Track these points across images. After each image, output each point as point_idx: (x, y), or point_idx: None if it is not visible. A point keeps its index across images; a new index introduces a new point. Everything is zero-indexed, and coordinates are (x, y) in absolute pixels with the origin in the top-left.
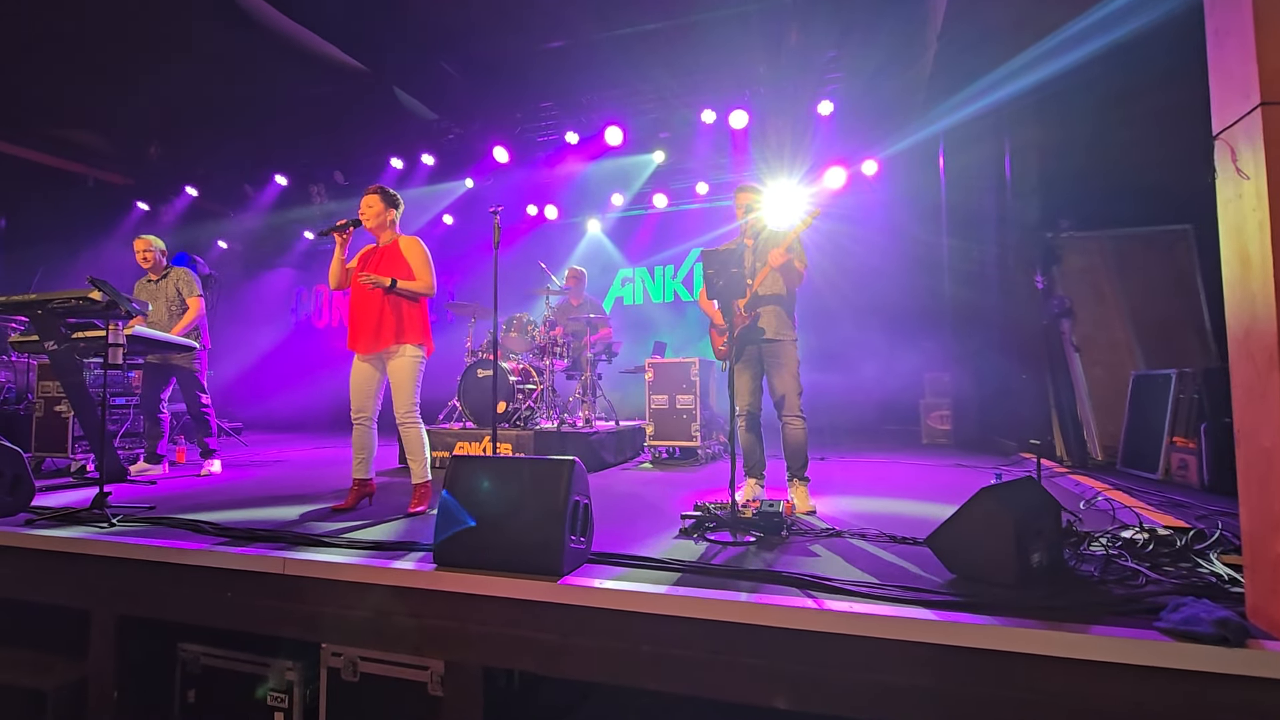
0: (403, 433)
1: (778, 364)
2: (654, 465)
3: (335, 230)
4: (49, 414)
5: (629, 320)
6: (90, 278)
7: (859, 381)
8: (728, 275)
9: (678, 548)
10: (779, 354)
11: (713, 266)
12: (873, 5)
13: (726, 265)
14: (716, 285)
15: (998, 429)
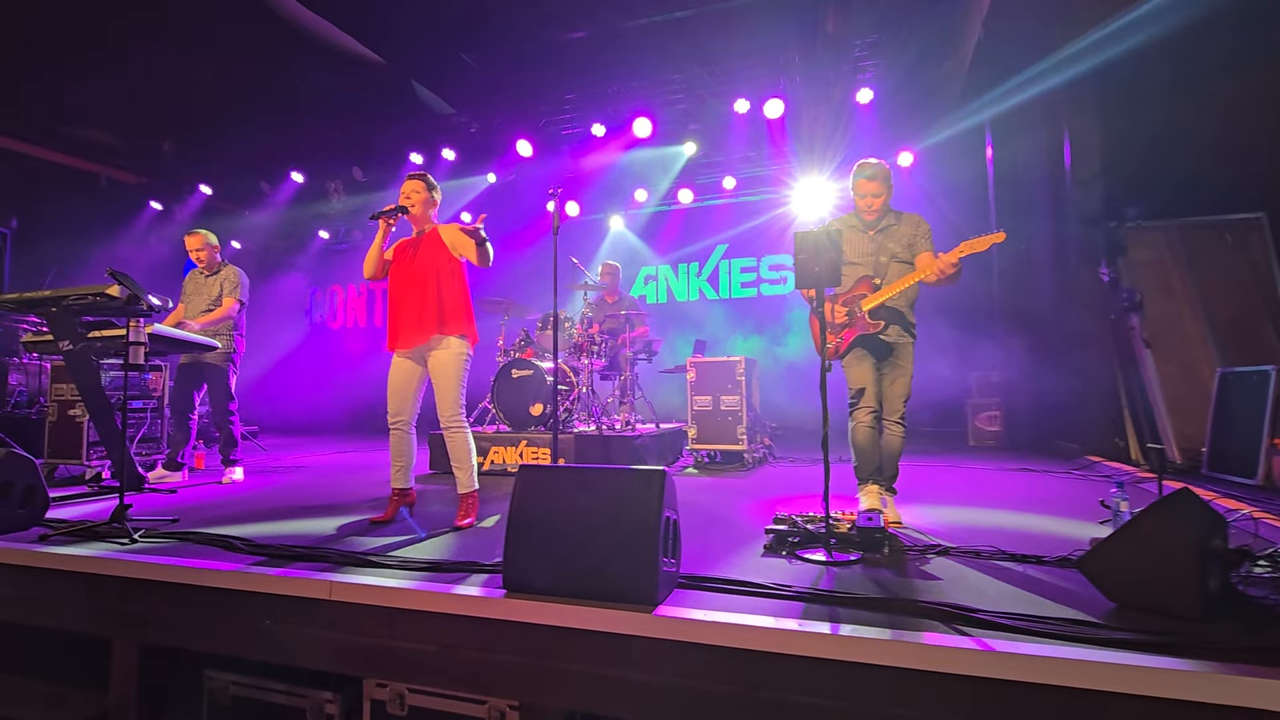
0: (447, 438)
1: (896, 366)
2: (699, 470)
3: (384, 215)
4: (63, 418)
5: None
6: (110, 270)
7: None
8: (824, 261)
9: (769, 568)
10: (900, 356)
11: (805, 250)
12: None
13: (822, 250)
14: (810, 272)
15: (1055, 430)
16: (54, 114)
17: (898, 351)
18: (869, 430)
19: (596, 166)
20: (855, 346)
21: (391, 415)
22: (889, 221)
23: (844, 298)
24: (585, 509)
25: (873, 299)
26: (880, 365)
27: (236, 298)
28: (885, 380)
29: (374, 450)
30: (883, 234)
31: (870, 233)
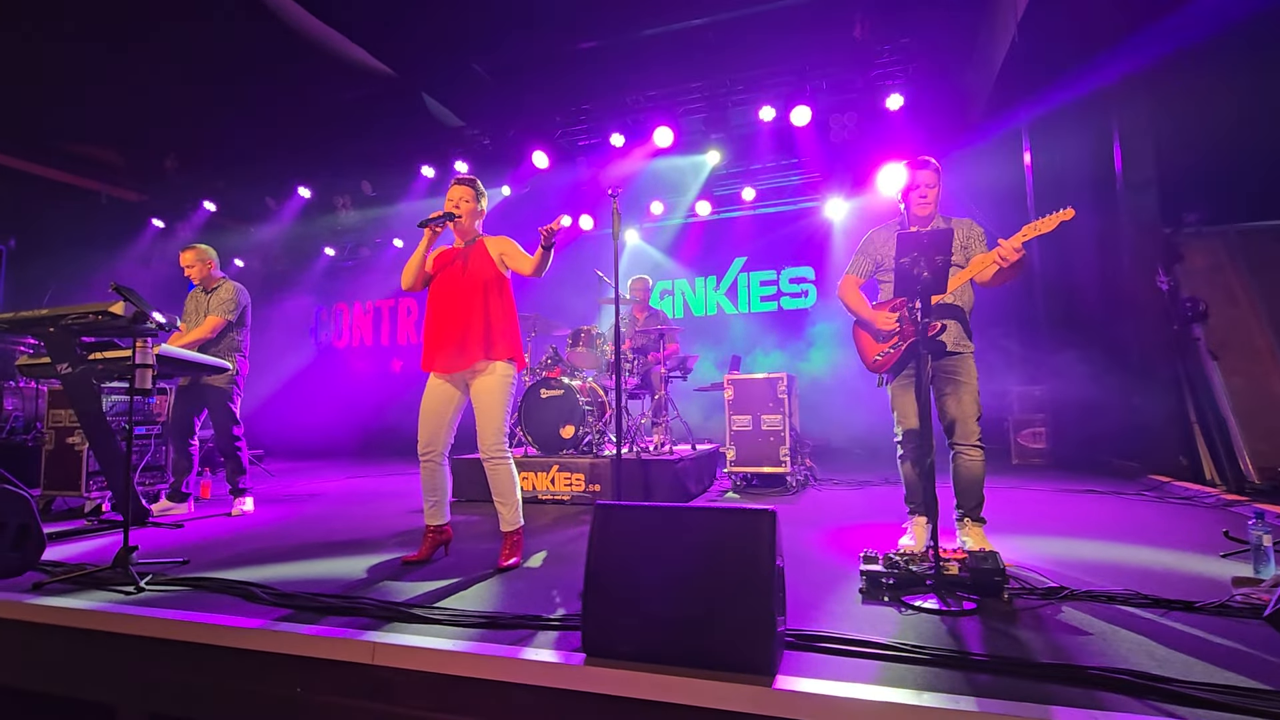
0: (490, 469)
1: (955, 381)
2: (740, 495)
3: (431, 223)
4: (60, 446)
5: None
6: (114, 284)
7: None
8: (934, 264)
9: (878, 620)
10: (959, 369)
11: (914, 250)
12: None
13: (933, 250)
14: (914, 276)
15: (1109, 448)
16: (52, 130)
17: (958, 365)
18: (915, 461)
19: (616, 178)
20: (908, 359)
21: (423, 446)
22: (938, 224)
23: (892, 303)
24: (680, 556)
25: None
26: (937, 384)
27: (224, 315)
28: (948, 401)
29: (388, 475)
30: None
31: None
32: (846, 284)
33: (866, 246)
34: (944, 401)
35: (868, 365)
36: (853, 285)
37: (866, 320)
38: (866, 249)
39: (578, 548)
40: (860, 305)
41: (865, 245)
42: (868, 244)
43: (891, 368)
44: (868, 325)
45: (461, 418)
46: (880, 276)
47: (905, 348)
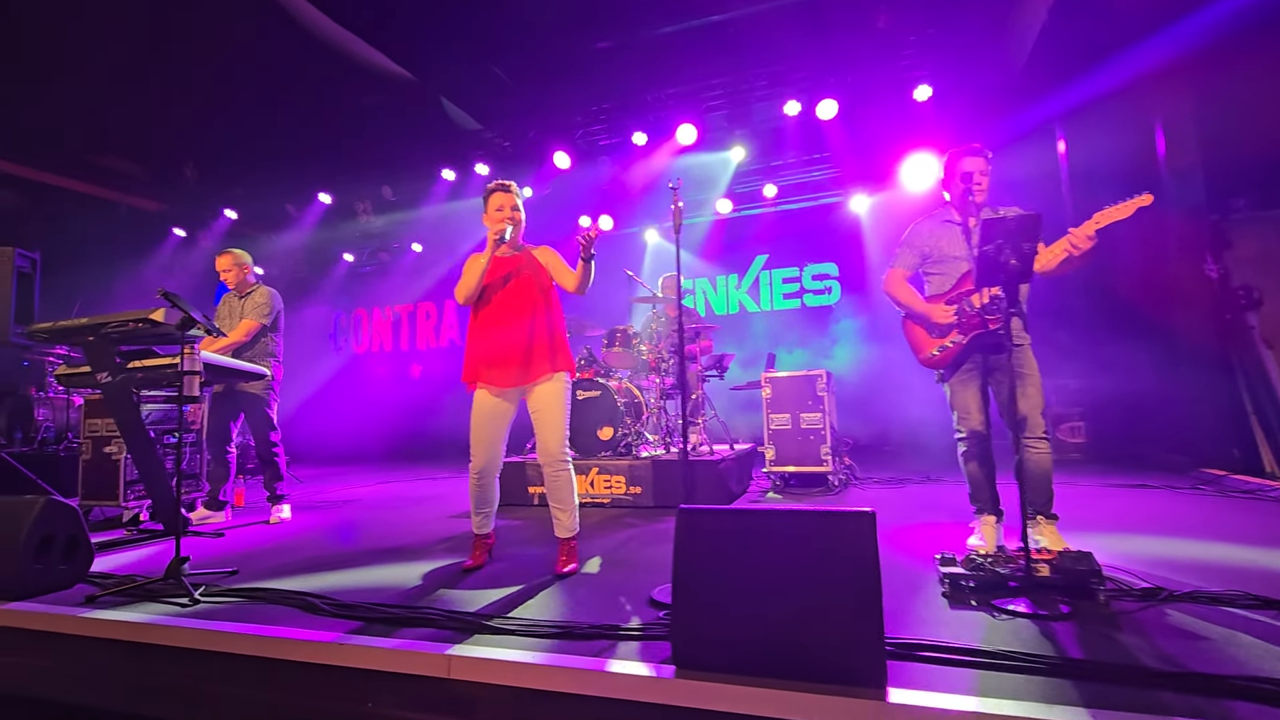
0: (553, 476)
1: (1020, 374)
2: (782, 496)
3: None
4: (97, 456)
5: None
6: (162, 290)
7: None
8: (1021, 251)
9: (973, 624)
10: (1022, 361)
11: (998, 237)
12: None
13: (1020, 237)
14: (999, 265)
15: (1153, 441)
16: (72, 141)
17: (1020, 356)
18: (980, 458)
19: (639, 177)
20: (970, 353)
21: (479, 467)
22: (989, 213)
23: (948, 296)
24: (774, 562)
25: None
26: (998, 377)
27: (257, 319)
28: (1015, 397)
29: (416, 480)
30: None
31: (971, 222)
32: (893, 278)
33: (911, 239)
34: (1007, 394)
35: (922, 361)
36: (899, 279)
37: (920, 314)
38: (911, 241)
39: (631, 552)
40: (912, 299)
41: (910, 238)
42: (912, 236)
43: (950, 363)
44: (922, 319)
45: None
46: (928, 269)
47: (967, 341)
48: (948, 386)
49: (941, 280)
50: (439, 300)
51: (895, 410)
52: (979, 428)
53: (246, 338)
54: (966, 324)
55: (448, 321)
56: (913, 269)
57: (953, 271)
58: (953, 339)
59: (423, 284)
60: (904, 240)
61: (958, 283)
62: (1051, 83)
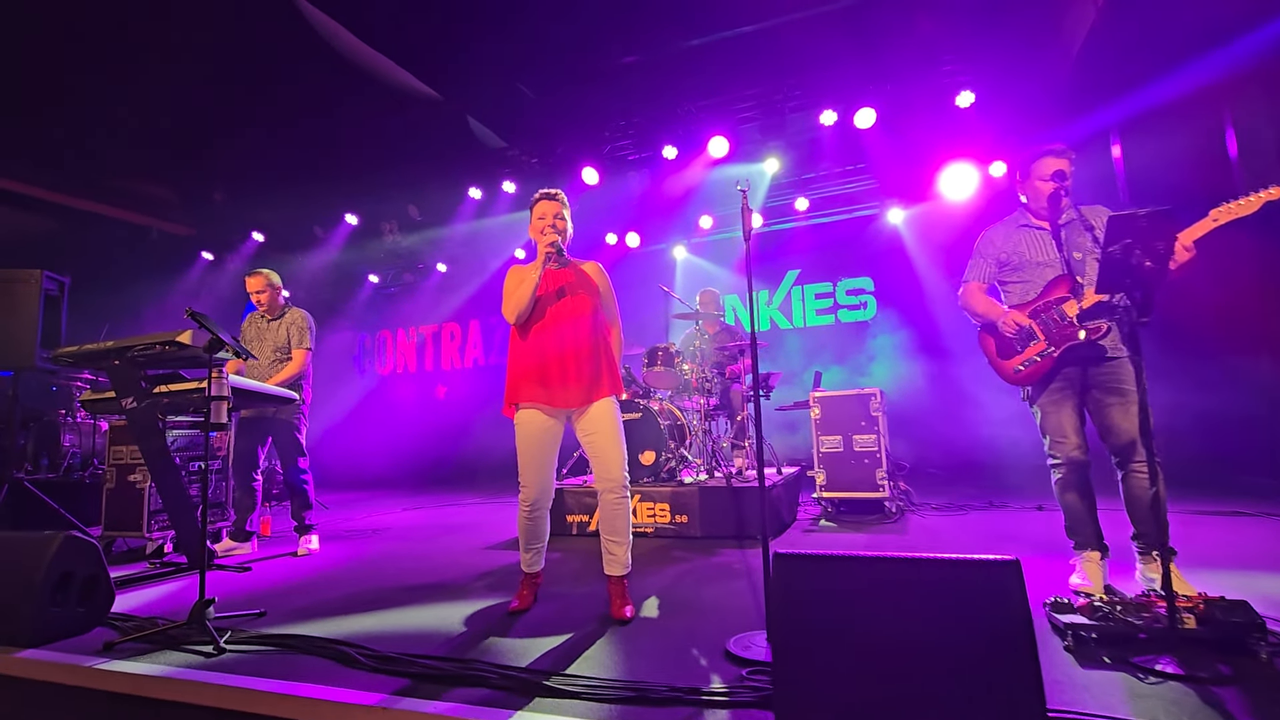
0: (611, 506)
1: (1121, 390)
2: (838, 525)
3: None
4: (121, 484)
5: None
6: (189, 310)
7: (1012, 413)
8: (1155, 252)
9: (1113, 687)
10: (1123, 376)
11: (1126, 235)
12: None
13: (1152, 235)
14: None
15: (1235, 463)
16: (107, 167)
17: (1120, 371)
18: (1079, 487)
19: (666, 193)
20: (1061, 369)
21: (531, 496)
22: (1072, 216)
23: (1031, 306)
24: (899, 618)
25: (1091, 296)
26: (1096, 396)
27: (308, 346)
28: (1114, 413)
29: (445, 506)
30: (1066, 229)
31: (1052, 227)
32: (970, 292)
33: (984, 247)
34: (1109, 414)
35: (1007, 378)
36: (977, 292)
37: (996, 320)
38: (985, 250)
39: (688, 591)
40: (991, 309)
41: (983, 246)
42: (985, 245)
43: (1039, 380)
44: (1002, 327)
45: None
46: (1005, 277)
47: (1058, 355)
48: (1036, 407)
49: (1023, 289)
50: (464, 321)
51: (939, 430)
52: (1077, 453)
53: (303, 368)
54: (1058, 335)
55: (472, 341)
56: (989, 280)
57: (1036, 278)
58: (1040, 352)
59: (448, 304)
60: (977, 251)
61: (1045, 290)
62: (1103, 86)
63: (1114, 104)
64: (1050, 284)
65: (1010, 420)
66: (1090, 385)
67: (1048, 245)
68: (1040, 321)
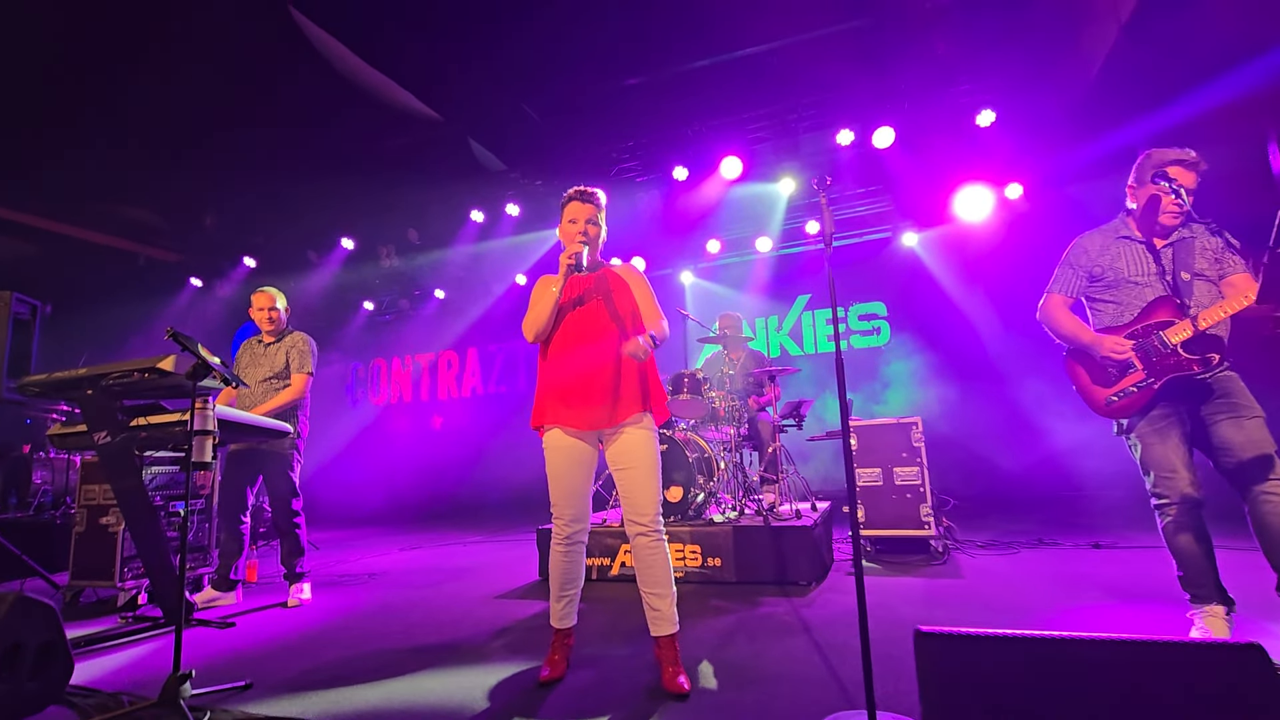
0: (645, 551)
1: (1234, 404)
2: (882, 567)
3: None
4: (92, 528)
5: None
6: (171, 330)
7: (1037, 442)
8: None
9: None
10: (1234, 389)
11: None
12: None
13: None
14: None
15: None
16: (92, 192)
17: (1230, 385)
18: (1194, 529)
19: (672, 217)
20: (1160, 402)
21: (566, 525)
22: (1185, 232)
23: (1128, 329)
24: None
25: (1207, 317)
26: (1201, 414)
27: (309, 370)
28: (1229, 431)
29: (444, 545)
30: (1176, 246)
31: (1159, 243)
32: (1053, 305)
33: (1076, 257)
34: (1221, 430)
35: (1098, 409)
36: (1061, 306)
37: (1089, 344)
38: (1076, 260)
39: (744, 653)
40: (1079, 330)
41: (1074, 256)
42: (1077, 254)
43: (1137, 411)
44: (1096, 355)
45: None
46: (1095, 294)
47: (1162, 384)
48: (1134, 439)
49: (1117, 310)
50: (462, 349)
51: (961, 460)
52: (1189, 489)
53: (302, 394)
54: (1159, 364)
55: (470, 370)
56: (1076, 294)
57: (1133, 299)
58: (1139, 383)
59: (446, 332)
60: (1066, 259)
61: (1143, 313)
62: (1128, 103)
63: (1140, 121)
64: (1150, 306)
65: (1034, 449)
66: (1195, 407)
67: (1144, 262)
68: (1139, 349)
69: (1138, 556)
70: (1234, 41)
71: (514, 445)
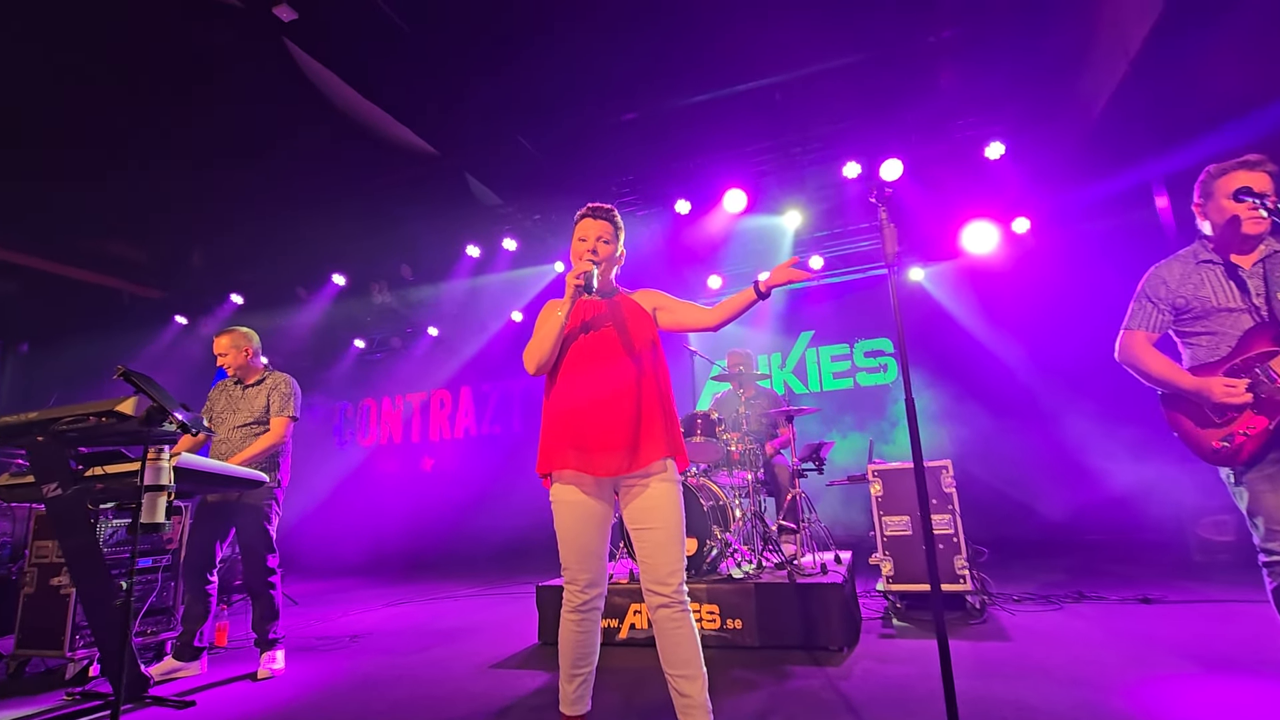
0: (669, 623)
1: None
2: (915, 626)
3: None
4: (42, 589)
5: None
6: (122, 369)
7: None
8: None
9: None
10: None
11: None
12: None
13: None
14: None
15: None
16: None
17: None
18: None
19: (675, 250)
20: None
21: (580, 588)
22: (1275, 244)
23: (1226, 364)
24: None
25: None
26: None
27: (291, 414)
28: None
29: (432, 600)
30: (1266, 263)
31: (1245, 262)
32: (1135, 345)
33: (1154, 289)
34: None
35: (1205, 456)
36: (1144, 345)
37: (1191, 392)
38: (1155, 292)
39: None
40: (1175, 374)
41: (1152, 287)
42: (1155, 285)
43: (1251, 455)
44: (1198, 398)
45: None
46: (1184, 328)
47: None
48: (1242, 487)
49: (1212, 341)
50: (455, 388)
51: (976, 503)
52: None
53: (282, 439)
54: (1270, 402)
55: (464, 410)
56: (1161, 329)
57: (1228, 329)
58: (1248, 427)
59: (439, 371)
60: (1143, 292)
61: (1240, 344)
62: (1141, 135)
63: (1156, 152)
64: (1247, 336)
65: (1056, 491)
66: None
67: (1229, 286)
68: (1248, 383)
69: (1197, 614)
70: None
71: (508, 489)
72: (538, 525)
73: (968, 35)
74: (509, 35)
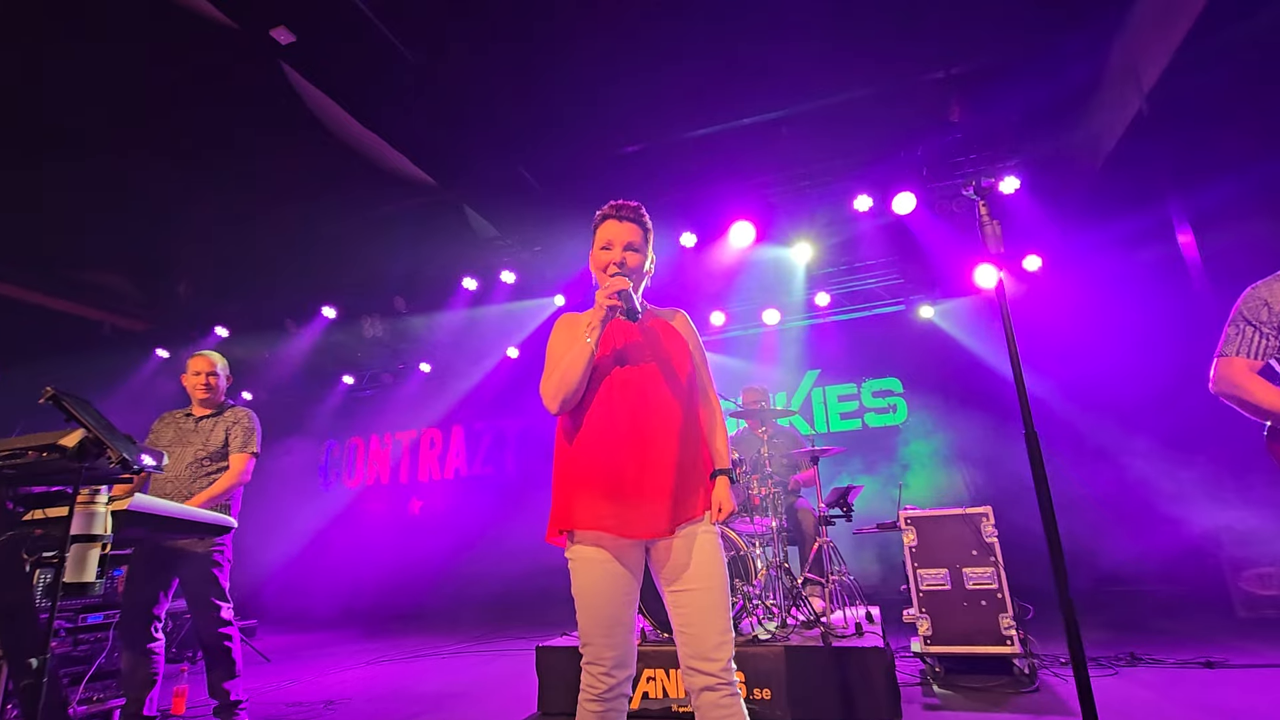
0: (716, 711)
1: None
2: (958, 694)
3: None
4: None
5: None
6: (51, 391)
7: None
8: None
9: None
10: None
11: None
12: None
13: None
14: None
15: None
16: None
17: None
18: None
19: (680, 284)
20: None
21: (606, 673)
22: None
23: None
24: None
25: None
26: None
27: (253, 450)
28: None
29: (418, 656)
30: None
31: None
32: (1235, 374)
33: (1254, 311)
34: None
35: None
36: (1246, 373)
37: None
38: (1255, 315)
39: None
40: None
41: (1251, 310)
42: (1255, 307)
43: None
44: None
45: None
46: None
47: None
48: None
49: None
50: (446, 427)
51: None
52: None
53: (244, 478)
54: None
55: (454, 450)
56: (1265, 355)
57: None
58: None
59: (431, 408)
60: (1240, 315)
61: None
62: (1160, 172)
63: (1176, 188)
64: None
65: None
66: None
67: None
68: None
69: (1269, 680)
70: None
71: (499, 533)
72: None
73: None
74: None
